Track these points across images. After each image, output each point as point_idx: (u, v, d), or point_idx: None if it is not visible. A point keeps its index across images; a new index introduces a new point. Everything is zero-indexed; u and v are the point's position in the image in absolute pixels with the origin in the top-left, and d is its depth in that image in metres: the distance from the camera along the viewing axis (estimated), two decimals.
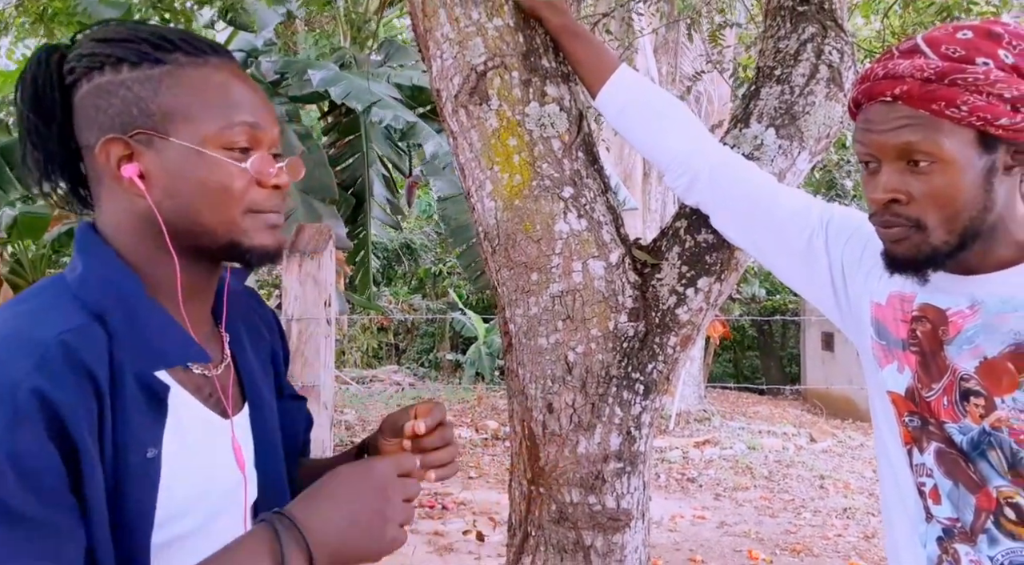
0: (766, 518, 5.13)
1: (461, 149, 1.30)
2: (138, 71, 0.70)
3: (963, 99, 0.81)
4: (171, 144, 0.69)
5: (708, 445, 7.04)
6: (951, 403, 0.90)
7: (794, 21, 1.39)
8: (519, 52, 1.25)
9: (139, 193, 0.69)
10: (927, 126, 0.83)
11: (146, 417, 0.67)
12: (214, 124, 0.70)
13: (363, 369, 12.46)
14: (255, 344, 0.85)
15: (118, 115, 0.69)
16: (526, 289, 1.26)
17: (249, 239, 0.73)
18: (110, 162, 0.69)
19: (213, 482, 0.73)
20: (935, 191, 0.84)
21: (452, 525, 4.73)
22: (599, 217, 1.27)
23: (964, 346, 0.89)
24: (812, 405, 10.51)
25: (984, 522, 0.89)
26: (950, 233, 0.86)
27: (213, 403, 0.75)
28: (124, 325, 0.67)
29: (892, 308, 0.97)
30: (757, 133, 1.31)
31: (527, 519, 1.31)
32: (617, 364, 1.25)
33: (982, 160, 0.83)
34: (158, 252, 0.71)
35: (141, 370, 0.67)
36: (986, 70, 0.81)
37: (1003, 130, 0.82)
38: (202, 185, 0.70)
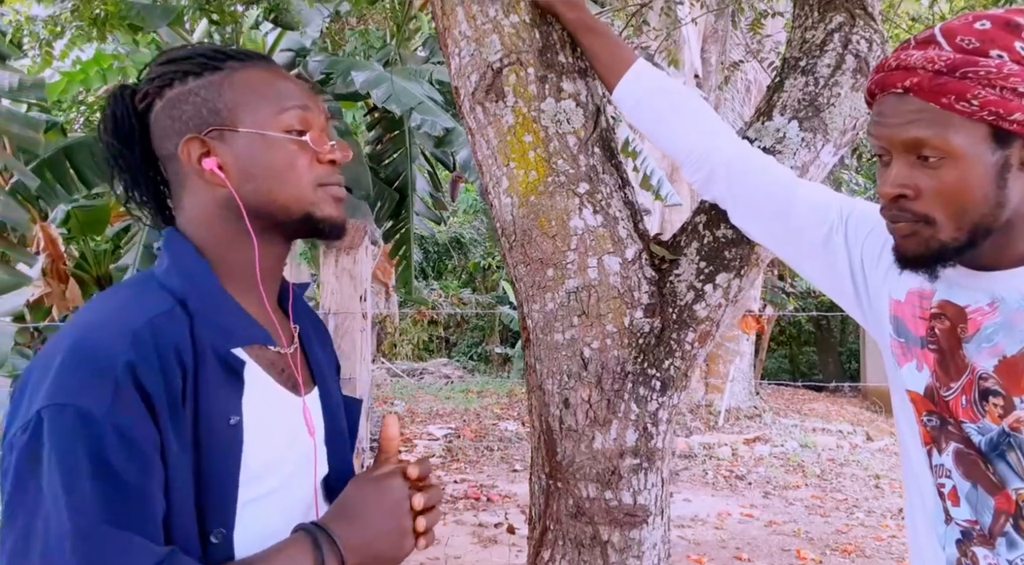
0: (817, 517, 5.00)
1: (479, 146, 1.31)
2: (202, 79, 0.81)
3: (974, 93, 0.78)
4: (239, 134, 0.80)
5: (759, 442, 6.90)
6: (970, 403, 0.87)
7: (822, 10, 1.35)
8: (535, 48, 1.25)
9: (220, 183, 0.80)
10: (937, 120, 0.80)
11: (226, 388, 0.76)
12: (270, 110, 0.80)
13: (414, 362, 12.65)
14: (321, 341, 0.95)
15: (191, 119, 0.80)
16: (542, 285, 1.27)
17: (320, 210, 0.82)
18: (191, 160, 0.80)
19: (289, 450, 0.82)
20: (944, 187, 0.81)
21: (495, 517, 4.78)
22: (615, 213, 1.27)
23: (983, 344, 0.86)
24: (872, 403, 10.16)
25: (1003, 525, 0.87)
26: (959, 230, 0.83)
27: (285, 379, 0.83)
28: (202, 309, 0.77)
29: (911, 305, 0.94)
30: (780, 126, 1.28)
31: (546, 513, 1.32)
32: (633, 360, 1.24)
33: (995, 156, 0.80)
34: (237, 236, 0.81)
35: (219, 346, 0.76)
36: (999, 63, 0.78)
37: (1018, 125, 0.78)
38: (271, 165, 0.80)
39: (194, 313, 0.76)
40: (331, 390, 0.91)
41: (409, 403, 8.81)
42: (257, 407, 0.78)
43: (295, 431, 0.83)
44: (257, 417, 0.78)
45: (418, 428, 7.42)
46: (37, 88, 2.52)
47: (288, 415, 0.83)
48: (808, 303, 11.83)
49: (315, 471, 0.85)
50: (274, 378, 0.82)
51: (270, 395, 0.81)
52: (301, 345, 0.89)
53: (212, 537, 0.73)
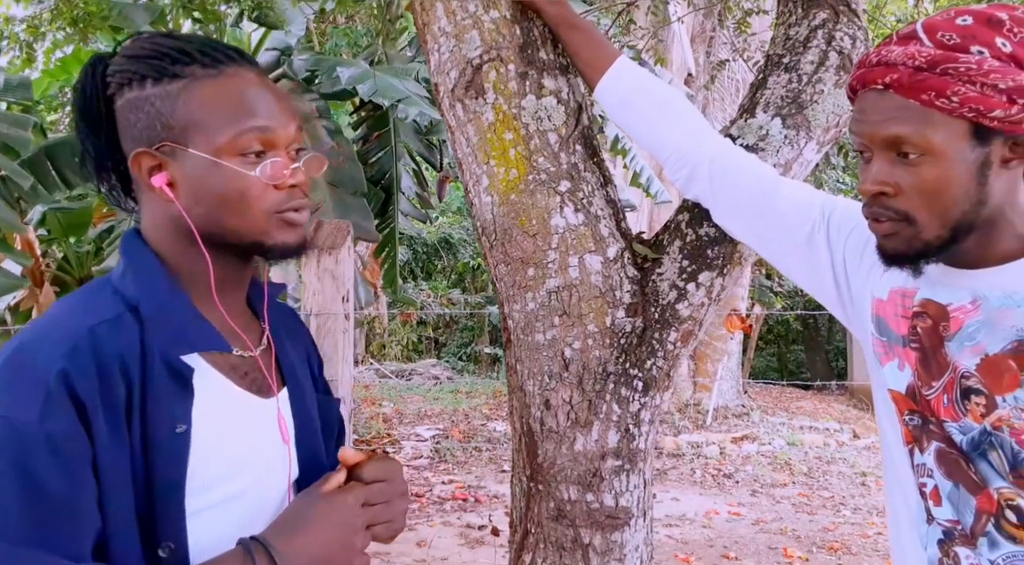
0: (804, 515, 5.01)
1: (459, 144, 1.29)
2: (159, 87, 0.76)
3: (954, 89, 0.77)
4: (190, 155, 0.75)
5: (746, 441, 6.92)
6: (951, 401, 0.86)
7: (805, 7, 1.34)
8: (515, 44, 1.24)
9: (169, 200, 0.76)
10: (916, 117, 0.79)
11: (174, 396, 0.73)
12: (226, 134, 0.75)
13: (403, 363, 12.61)
14: (293, 342, 0.92)
15: (145, 129, 0.76)
16: (523, 285, 1.25)
17: (271, 239, 0.78)
18: (142, 173, 0.77)
19: (252, 454, 0.79)
20: (924, 184, 0.80)
21: (471, 518, 4.76)
22: (597, 211, 1.25)
23: (965, 343, 0.85)
24: (858, 400, 10.23)
25: (985, 525, 0.86)
26: (941, 227, 0.82)
27: (249, 382, 0.81)
28: (154, 315, 0.75)
29: (893, 304, 0.93)
30: (763, 123, 1.27)
31: (527, 516, 1.31)
32: (615, 360, 1.23)
33: (975, 153, 0.79)
34: (190, 250, 0.78)
35: (167, 354, 0.74)
36: (980, 59, 0.77)
37: (998, 122, 0.78)
38: (221, 193, 0.76)
39: (146, 319, 0.74)
40: (302, 390, 0.89)
41: (397, 404, 8.78)
42: (211, 413, 0.75)
43: (261, 435, 0.81)
44: (210, 424, 0.75)
45: (406, 429, 7.39)
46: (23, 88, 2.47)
47: (251, 419, 0.80)
48: (796, 302, 11.89)
49: (288, 475, 0.83)
50: (235, 382, 0.79)
51: (228, 400, 0.78)
52: (272, 346, 0.86)
53: (160, 551, 0.70)
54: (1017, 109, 0.77)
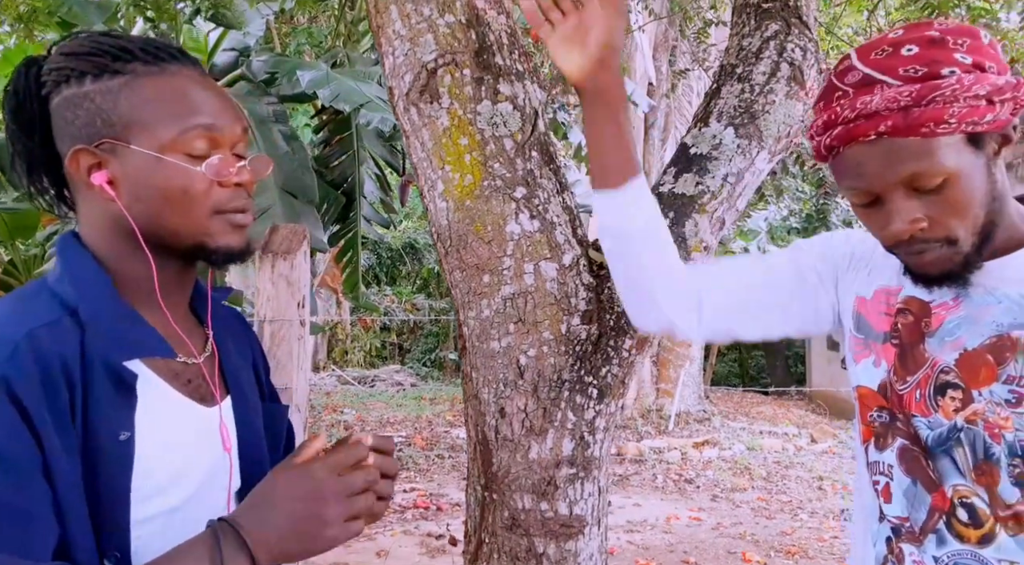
0: (763, 519, 5.08)
1: (413, 148, 1.28)
2: (99, 83, 0.74)
3: (949, 113, 0.80)
4: (133, 152, 0.73)
5: (707, 446, 7.00)
6: (924, 396, 0.88)
7: (758, 18, 1.36)
8: (471, 50, 1.23)
9: (110, 198, 0.74)
10: (923, 151, 0.81)
11: (117, 403, 0.71)
12: (171, 131, 0.74)
13: (365, 369, 12.47)
14: (238, 348, 0.90)
15: (84, 126, 0.74)
16: (478, 291, 1.24)
17: (214, 241, 0.77)
18: (80, 171, 0.74)
19: (195, 463, 0.77)
20: (954, 205, 0.82)
21: (428, 526, 4.72)
22: (553, 218, 1.24)
23: (946, 338, 0.87)
24: (817, 405, 10.44)
25: (936, 522, 0.88)
26: (976, 235, 0.84)
27: (192, 390, 0.79)
28: (94, 319, 0.72)
29: (877, 301, 0.95)
30: (716, 132, 1.28)
31: (481, 526, 1.29)
32: (570, 368, 1.22)
33: (980, 158, 0.82)
34: (131, 251, 0.76)
35: (109, 359, 0.71)
36: (957, 78, 0.80)
37: (988, 125, 0.81)
38: (164, 190, 0.74)
39: (86, 324, 0.71)
40: (246, 399, 0.86)
41: (359, 411, 8.67)
42: (154, 421, 0.73)
43: (204, 444, 0.79)
44: (153, 432, 0.73)
45: None
46: None
47: (193, 427, 0.78)
48: None
49: (229, 484, 0.81)
50: (178, 389, 0.77)
51: (170, 408, 0.76)
52: (217, 353, 0.84)
53: (106, 561, 0.68)
54: (999, 107, 0.80)
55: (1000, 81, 0.79)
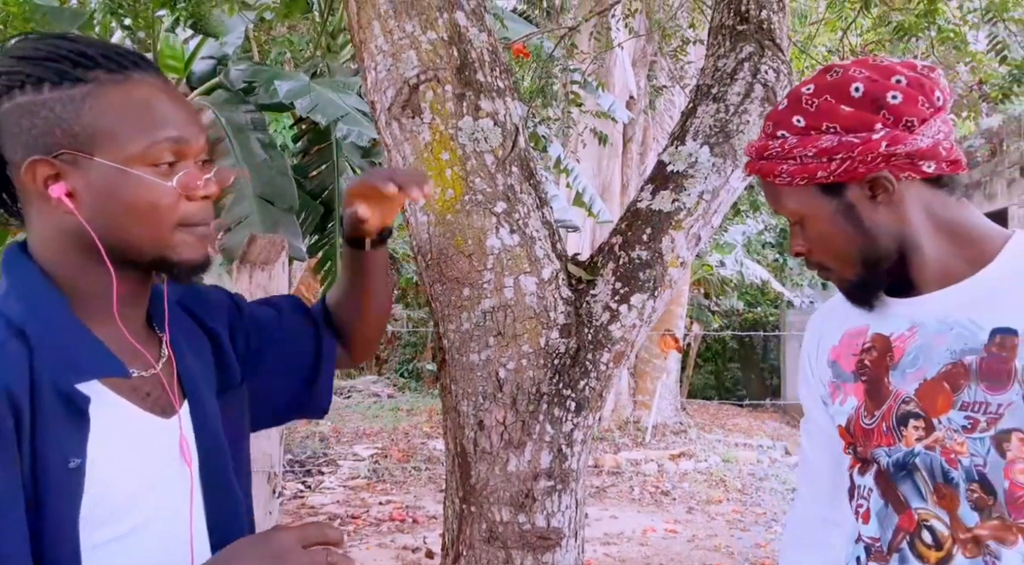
0: (737, 532, 5.12)
1: (395, 162, 1.29)
2: (59, 91, 0.70)
3: (779, 169, 0.89)
4: (96, 164, 0.70)
5: (683, 458, 7.04)
6: (889, 428, 0.91)
7: (733, 40, 1.40)
8: (453, 66, 1.24)
9: (68, 211, 0.70)
10: (776, 193, 0.92)
11: (67, 428, 0.68)
12: (138, 143, 0.71)
13: (341, 379, 12.36)
14: (196, 349, 0.87)
15: (42, 136, 0.70)
16: (458, 304, 1.25)
17: (177, 254, 0.74)
18: (36, 182, 0.70)
19: (153, 480, 0.75)
20: (813, 239, 0.92)
21: (405, 540, 4.69)
22: (532, 232, 1.26)
23: (907, 369, 0.90)
24: (791, 417, 10.55)
25: (900, 541, 0.90)
26: (852, 268, 0.91)
27: (152, 403, 0.77)
28: (44, 339, 0.69)
29: (844, 345, 0.99)
30: (692, 151, 1.31)
31: (459, 539, 1.29)
32: (548, 381, 1.24)
33: (832, 204, 0.89)
34: (88, 265, 0.73)
35: (60, 383, 0.68)
36: (782, 141, 0.89)
37: (830, 178, 0.87)
38: (130, 203, 0.71)
39: (34, 345, 0.68)
40: (204, 406, 0.84)
41: (335, 422, 8.59)
42: (110, 442, 0.71)
43: (163, 459, 0.77)
44: (110, 454, 0.71)
45: (344, 449, 7.24)
46: None
47: (153, 443, 0.76)
48: (732, 321, 12.23)
49: (191, 494, 0.79)
50: (136, 404, 0.75)
51: (129, 426, 0.74)
52: (173, 360, 0.81)
53: None
54: (836, 165, 0.86)
55: (827, 143, 0.86)
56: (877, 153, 0.84)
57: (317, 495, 5.69)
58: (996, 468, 0.82)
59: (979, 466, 0.83)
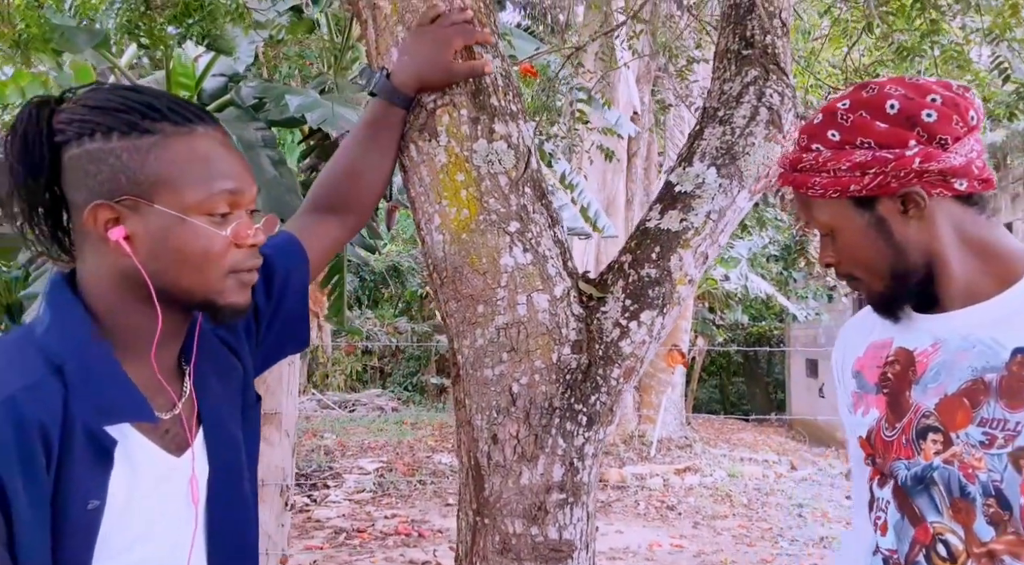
0: (743, 547, 5.11)
1: (412, 183, 1.33)
2: (127, 141, 0.75)
3: (812, 181, 0.92)
4: (156, 211, 0.75)
5: (689, 472, 7.03)
6: (908, 441, 0.93)
7: (738, 64, 1.44)
8: (468, 91, 1.29)
9: (125, 254, 0.74)
10: (808, 205, 0.95)
11: (92, 469, 0.71)
12: (198, 194, 0.76)
13: (346, 393, 12.36)
14: (225, 376, 0.90)
15: (107, 181, 0.74)
16: (472, 321, 1.28)
17: (223, 299, 0.79)
18: (97, 224, 0.75)
19: (160, 521, 0.77)
20: (843, 251, 0.94)
21: (414, 554, 4.69)
22: (545, 251, 1.30)
23: (929, 384, 0.92)
24: (797, 433, 10.51)
25: (917, 554, 0.92)
26: (882, 281, 0.93)
27: (168, 440, 0.79)
28: (80, 379, 0.71)
29: (869, 357, 1.02)
30: (699, 172, 1.35)
31: (472, 550, 1.32)
32: (560, 395, 1.27)
33: (864, 217, 0.91)
34: (135, 305, 0.76)
35: (91, 424, 0.71)
36: (816, 154, 0.91)
37: (862, 192, 0.89)
38: (185, 250, 0.76)
39: (70, 383, 0.71)
40: (223, 438, 0.86)
41: (340, 436, 8.59)
42: (130, 483, 0.74)
43: (172, 498, 0.79)
44: (127, 492, 0.73)
45: (348, 462, 7.24)
46: None
47: (164, 482, 0.79)
48: (737, 335, 12.21)
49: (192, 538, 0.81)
50: (155, 442, 0.78)
51: (147, 465, 0.77)
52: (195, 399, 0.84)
53: None
54: (869, 179, 0.88)
55: (861, 157, 0.88)
56: (910, 169, 0.86)
57: (323, 509, 5.70)
58: (1012, 484, 0.83)
59: (996, 481, 0.85)
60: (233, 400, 0.91)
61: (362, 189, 1.22)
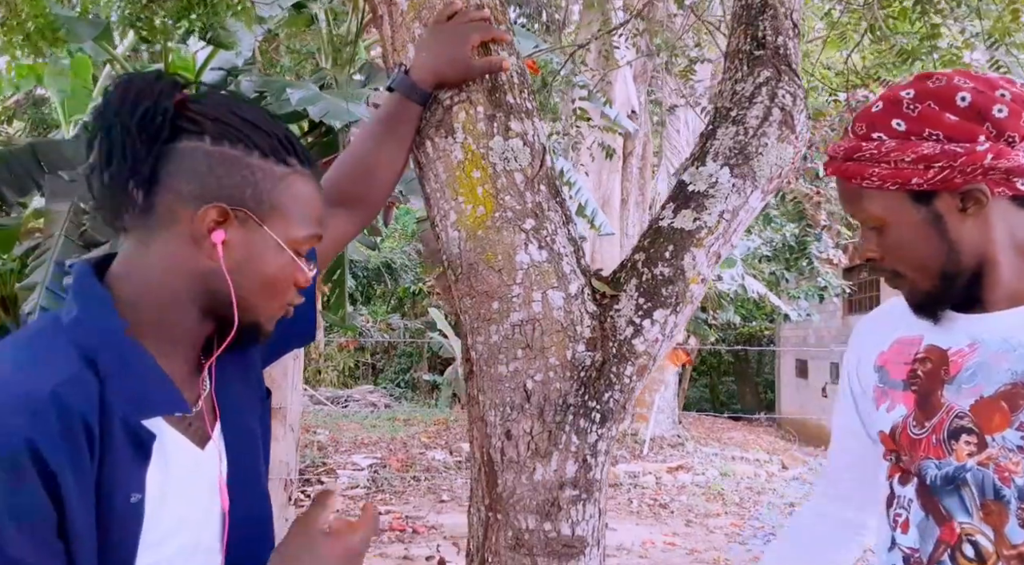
0: (736, 545, 5.15)
1: (427, 180, 1.33)
2: (267, 163, 0.80)
3: (870, 172, 0.89)
4: (263, 232, 0.79)
5: (681, 470, 7.07)
6: (939, 441, 0.92)
7: (750, 65, 1.45)
8: (485, 88, 1.29)
9: (216, 258, 0.76)
10: (859, 196, 0.91)
11: (131, 462, 0.71)
12: (301, 231, 0.81)
13: (338, 389, 12.33)
14: (242, 371, 0.91)
15: (234, 188, 0.77)
16: (487, 317, 1.29)
17: (267, 325, 0.84)
18: (204, 222, 0.76)
19: (190, 512, 0.78)
20: (892, 246, 0.91)
21: (421, 549, 4.69)
22: (559, 249, 1.31)
23: (963, 385, 0.91)
24: (786, 431, 10.58)
25: (941, 554, 0.92)
26: (930, 279, 0.91)
27: (193, 433, 0.80)
28: (114, 372, 0.71)
29: (894, 352, 1.01)
30: (713, 172, 1.36)
31: (484, 546, 1.33)
32: (574, 393, 1.28)
33: (920, 213, 0.88)
34: (188, 305, 0.78)
35: (129, 417, 0.71)
36: (878, 144, 0.88)
37: (924, 185, 0.87)
38: (272, 275, 0.80)
39: (104, 377, 0.70)
40: (238, 420, 0.87)
41: (333, 432, 8.58)
42: (164, 476, 0.74)
43: (199, 489, 0.80)
44: (161, 488, 0.74)
45: (342, 458, 7.23)
46: None
47: (196, 475, 0.80)
48: (728, 335, 12.27)
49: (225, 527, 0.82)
50: (183, 433, 0.79)
51: (180, 459, 0.77)
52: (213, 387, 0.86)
53: None
54: (934, 172, 0.86)
55: (928, 149, 0.85)
56: (979, 165, 0.84)
57: None
58: None
59: None
60: (248, 394, 0.92)
61: (374, 184, 1.22)
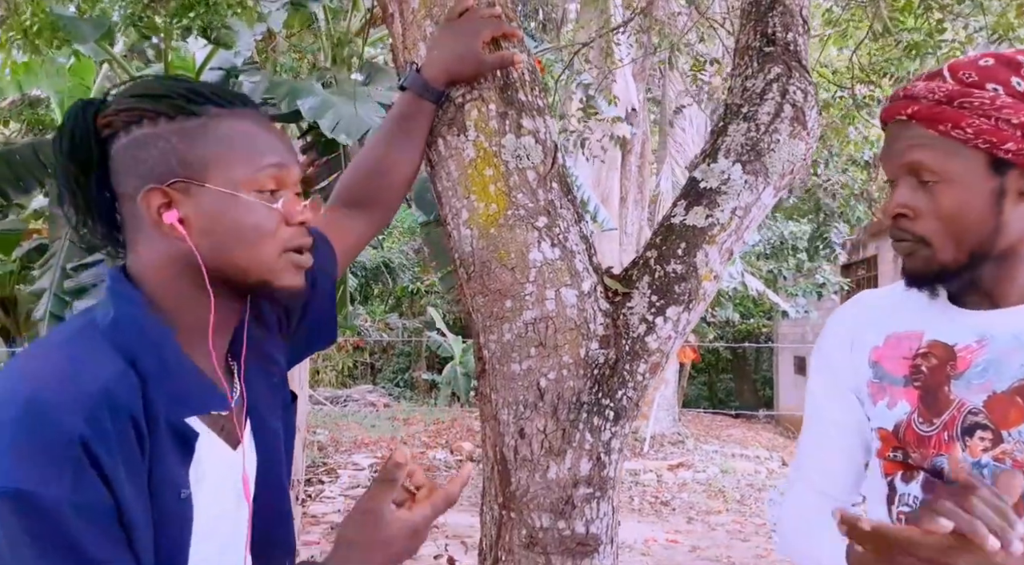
0: (738, 542, 5.16)
1: (439, 177, 1.33)
2: (174, 124, 0.75)
3: (968, 122, 0.83)
4: (207, 190, 0.75)
5: (682, 468, 7.08)
6: (952, 437, 0.91)
7: (761, 61, 1.45)
8: (497, 86, 1.29)
9: (180, 237, 0.74)
10: (934, 145, 0.85)
11: (176, 459, 0.72)
12: (245, 169, 0.76)
13: (337, 388, 12.32)
14: (267, 375, 0.91)
15: (157, 165, 0.75)
16: (500, 316, 1.29)
17: (279, 280, 0.79)
18: (151, 210, 0.75)
19: (222, 513, 0.78)
20: (941, 208, 0.86)
21: (428, 548, 4.69)
22: (572, 246, 1.30)
23: (973, 381, 0.90)
24: (785, 428, 10.60)
25: None
26: (959, 251, 0.87)
27: (226, 435, 0.80)
28: (155, 370, 0.72)
29: (890, 347, 0.99)
30: (724, 168, 1.35)
31: (497, 544, 1.32)
32: (588, 390, 1.27)
33: (991, 182, 0.85)
34: (193, 291, 0.76)
35: (172, 416, 0.72)
36: (993, 95, 0.83)
37: (1012, 154, 0.83)
38: (238, 226, 0.76)
39: (146, 376, 0.71)
40: (267, 432, 0.87)
41: (332, 431, 8.57)
42: (201, 475, 0.75)
43: (231, 491, 0.81)
44: (199, 486, 0.74)
45: (342, 458, 7.22)
46: None
47: (225, 473, 0.80)
48: (726, 332, 12.29)
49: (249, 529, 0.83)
50: (217, 434, 0.79)
51: (215, 459, 0.78)
52: (245, 394, 0.85)
53: None
54: None
55: None
56: None
57: (318, 504, 5.68)
58: None
59: None
60: (273, 395, 0.92)
61: (390, 184, 1.22)
